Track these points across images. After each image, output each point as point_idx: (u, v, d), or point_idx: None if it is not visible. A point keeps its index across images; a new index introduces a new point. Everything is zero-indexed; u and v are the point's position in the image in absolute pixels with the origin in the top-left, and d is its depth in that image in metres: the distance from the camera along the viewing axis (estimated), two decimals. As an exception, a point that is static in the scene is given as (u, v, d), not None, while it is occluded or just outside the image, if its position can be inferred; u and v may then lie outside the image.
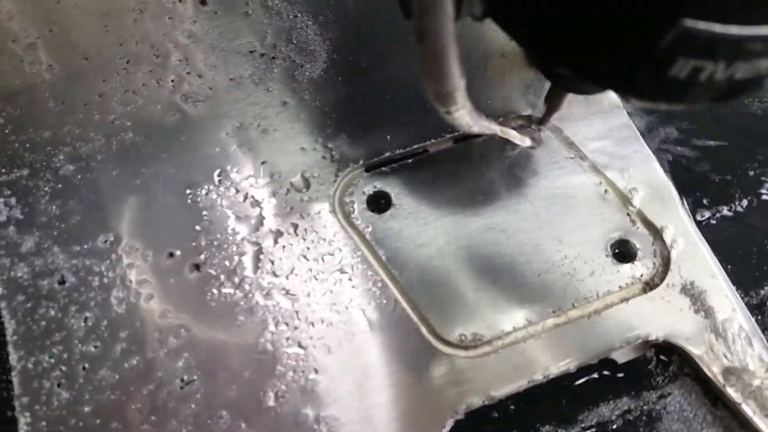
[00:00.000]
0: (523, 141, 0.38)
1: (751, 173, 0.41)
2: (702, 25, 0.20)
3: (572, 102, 0.39)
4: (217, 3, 0.41)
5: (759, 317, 0.37)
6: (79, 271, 0.34)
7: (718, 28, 0.20)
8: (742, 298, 0.37)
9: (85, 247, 0.34)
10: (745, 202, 0.40)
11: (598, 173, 0.38)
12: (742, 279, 0.38)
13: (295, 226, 0.35)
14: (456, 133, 0.39)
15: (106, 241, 0.34)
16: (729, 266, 0.38)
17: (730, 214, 0.40)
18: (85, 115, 0.37)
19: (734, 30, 0.20)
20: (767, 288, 0.38)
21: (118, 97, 0.38)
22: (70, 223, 0.35)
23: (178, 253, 0.34)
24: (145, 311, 0.33)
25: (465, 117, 0.29)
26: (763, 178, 0.41)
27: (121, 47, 0.39)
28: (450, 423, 0.33)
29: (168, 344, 0.32)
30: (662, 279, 0.36)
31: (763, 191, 0.40)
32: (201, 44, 0.39)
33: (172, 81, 0.38)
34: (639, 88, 0.25)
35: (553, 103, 0.37)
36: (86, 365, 0.32)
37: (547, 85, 0.36)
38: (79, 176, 0.36)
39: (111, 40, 0.39)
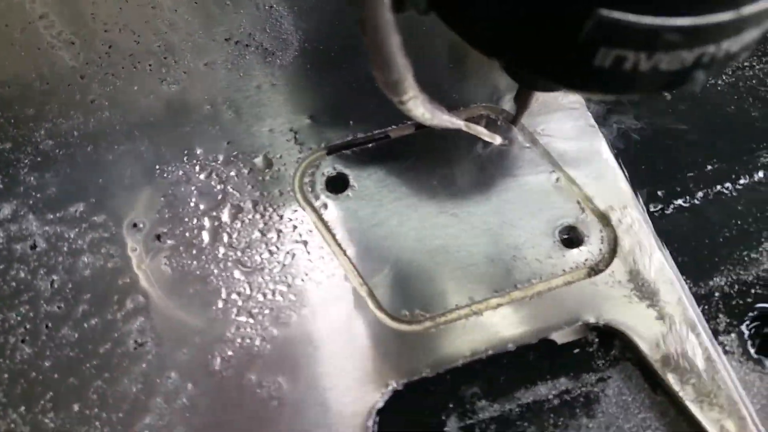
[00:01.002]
0: (494, 138, 0.39)
1: (709, 167, 0.41)
2: (617, 14, 0.21)
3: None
4: (197, -7, 0.43)
5: (706, 307, 0.38)
6: (50, 237, 0.36)
7: (632, 17, 0.21)
8: (691, 288, 0.38)
9: (58, 215, 0.36)
10: (701, 195, 0.40)
11: (552, 162, 0.40)
12: (693, 269, 0.38)
13: (255, 203, 0.37)
14: (417, 121, 0.40)
15: (76, 211, 0.37)
16: (680, 257, 0.39)
17: (686, 206, 0.40)
18: (67, 95, 0.40)
19: (648, 20, 0.21)
20: (716, 279, 0.38)
21: (99, 78, 0.40)
22: (46, 193, 0.37)
23: (141, 224, 0.36)
24: (108, 276, 0.35)
25: (419, 107, 0.31)
26: (721, 172, 0.41)
27: (105, 33, 0.42)
28: (388, 393, 0.34)
29: (125, 308, 0.34)
30: (608, 265, 0.37)
31: (720, 185, 0.41)
32: (179, 32, 0.42)
33: (150, 65, 0.41)
34: (570, 78, 0.26)
35: (521, 102, 0.38)
36: (49, 324, 0.34)
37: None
38: (57, 150, 0.38)
39: (97, 27, 0.42)
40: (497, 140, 0.40)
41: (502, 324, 0.35)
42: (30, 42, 0.41)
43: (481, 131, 0.38)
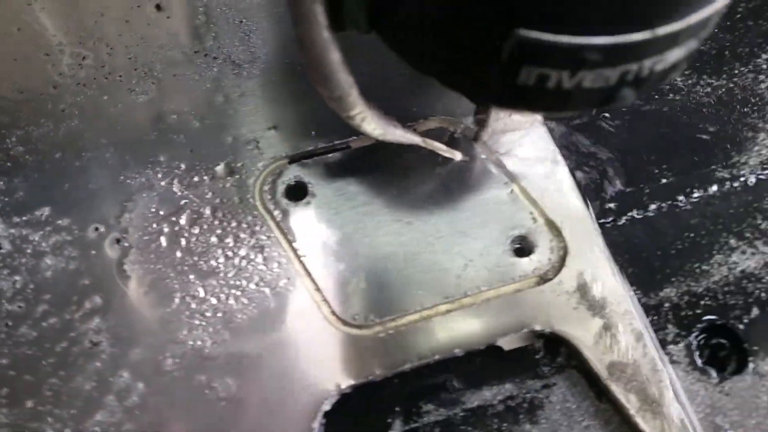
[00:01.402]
0: (453, 155, 0.40)
1: (664, 180, 0.42)
2: (535, 34, 0.22)
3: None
4: (171, 9, 0.45)
5: (655, 317, 0.38)
6: (15, 239, 0.37)
7: (550, 37, 0.22)
8: (641, 299, 0.38)
9: (24, 219, 0.38)
10: (654, 207, 0.41)
11: (507, 174, 0.40)
12: (644, 280, 0.39)
13: (214, 210, 0.38)
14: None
15: (42, 215, 0.38)
16: (632, 268, 0.39)
17: (639, 217, 0.41)
18: (40, 103, 0.41)
19: (566, 39, 0.22)
20: (667, 290, 0.39)
21: (71, 89, 0.42)
22: (14, 197, 0.38)
23: (102, 228, 0.38)
24: (68, 278, 0.36)
25: (369, 123, 0.31)
26: (675, 186, 0.42)
27: (79, 45, 0.43)
28: (336, 395, 0.35)
29: (83, 308, 0.36)
30: (556, 274, 0.38)
31: (673, 199, 0.42)
32: (151, 45, 0.43)
33: (120, 76, 0.42)
34: (498, 96, 0.27)
35: (481, 119, 0.39)
36: (9, 323, 0.35)
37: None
38: (27, 156, 0.40)
39: (72, 40, 0.43)
40: (457, 156, 0.40)
41: (450, 330, 0.36)
42: (6, 53, 0.42)
43: (439, 147, 0.39)
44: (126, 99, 0.41)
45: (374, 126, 0.32)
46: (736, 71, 0.46)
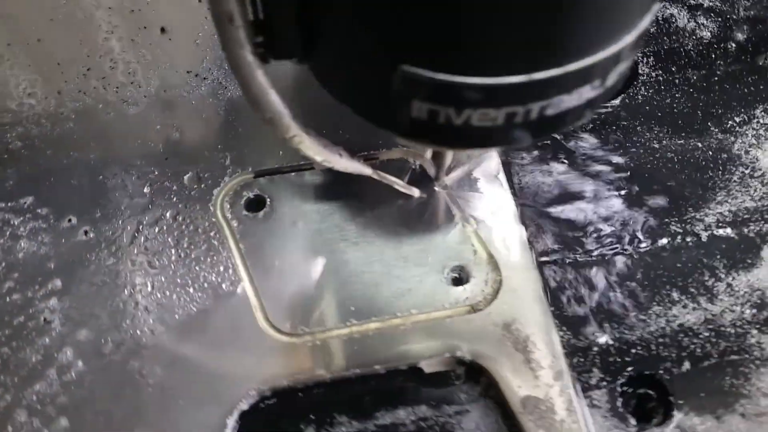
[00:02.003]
0: (411, 191, 0.42)
1: (612, 228, 0.43)
2: (416, 70, 0.24)
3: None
4: (174, 32, 0.49)
5: (581, 359, 0.39)
6: (-3, 223, 0.41)
7: (429, 74, 0.24)
8: (570, 340, 0.39)
9: (9, 205, 0.42)
10: (596, 253, 0.42)
11: (463, 215, 0.42)
12: (576, 322, 0.40)
13: (176, 214, 0.42)
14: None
15: (25, 203, 0.42)
16: (567, 309, 0.40)
17: (581, 260, 0.42)
18: (43, 106, 0.46)
19: (443, 77, 0.23)
20: (598, 335, 0.39)
21: (72, 95, 0.46)
22: (4, 185, 0.43)
23: (75, 220, 0.42)
24: (37, 260, 0.40)
25: (308, 148, 0.33)
26: (623, 234, 0.43)
27: (87, 58, 0.48)
28: (255, 396, 0.37)
29: (45, 288, 0.39)
30: (487, 306, 0.39)
31: (621, 246, 0.42)
32: (150, 63, 0.48)
33: (117, 88, 0.47)
34: (399, 129, 0.28)
35: (438, 158, 0.41)
36: (-24, 296, 0.39)
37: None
38: (23, 151, 0.44)
39: (82, 53, 0.48)
40: (415, 193, 0.42)
41: (375, 347, 0.38)
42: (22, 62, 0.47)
43: (394, 182, 0.41)
44: (118, 108, 0.46)
45: (314, 152, 0.33)
46: (707, 131, 0.47)
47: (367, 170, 0.39)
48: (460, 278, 0.40)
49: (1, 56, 0.47)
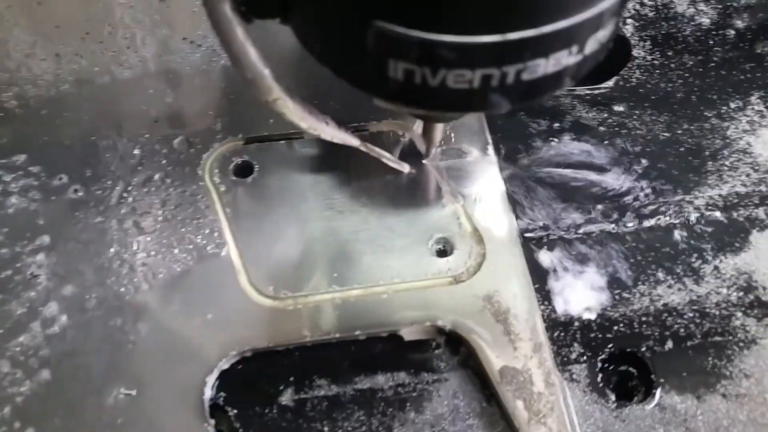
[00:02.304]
0: (401, 166, 0.42)
1: (599, 206, 0.43)
2: (390, 26, 0.23)
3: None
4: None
5: (562, 333, 0.39)
6: (-11, 178, 0.42)
7: (402, 30, 0.23)
8: (551, 314, 0.39)
9: (2, 161, 0.42)
10: (584, 230, 0.42)
11: (453, 192, 0.42)
12: (559, 297, 0.40)
13: (164, 177, 0.42)
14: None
15: (17, 160, 0.43)
16: (549, 284, 0.40)
17: (567, 238, 0.42)
18: (40, 68, 0.46)
19: (417, 34, 0.23)
20: (580, 310, 0.39)
21: (69, 57, 0.47)
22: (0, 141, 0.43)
23: (66, 179, 0.42)
24: (27, 216, 0.41)
25: (292, 113, 0.32)
26: (610, 211, 0.43)
27: (86, 23, 0.48)
28: (235, 356, 0.37)
29: (33, 244, 0.40)
30: (470, 278, 0.39)
31: (608, 224, 0.42)
32: (146, 28, 0.48)
33: (114, 52, 0.47)
34: (376, 90, 0.28)
35: (429, 135, 0.41)
36: (-34, 248, 0.40)
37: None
38: (18, 110, 0.45)
39: (81, 17, 0.49)
40: (405, 168, 0.42)
41: (356, 313, 0.38)
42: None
43: (383, 155, 0.41)
44: (113, 71, 0.46)
45: (298, 117, 0.33)
46: (701, 116, 0.47)
47: (354, 141, 0.39)
48: (444, 250, 0.40)
49: (1, 17, 0.47)
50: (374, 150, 0.41)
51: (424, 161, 0.43)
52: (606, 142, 0.45)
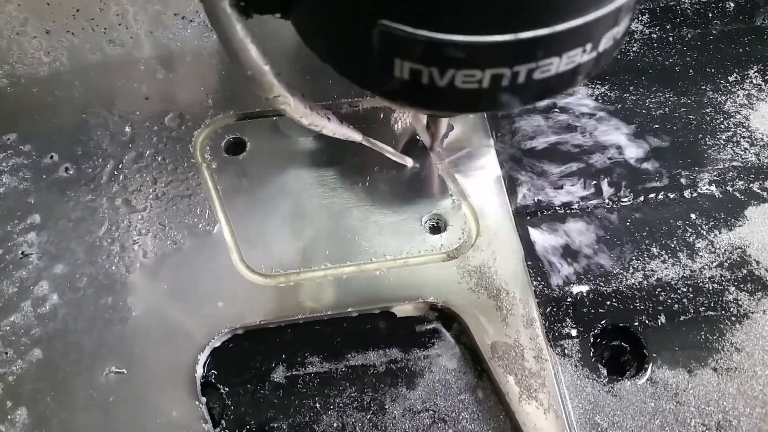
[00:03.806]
0: (404, 160, 0.41)
1: (594, 181, 0.42)
2: (396, 26, 0.22)
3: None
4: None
5: (554, 309, 0.39)
6: (-20, 158, 0.42)
7: (409, 29, 0.22)
8: (543, 289, 0.39)
9: (-7, 140, 0.42)
10: (581, 205, 0.42)
11: (440, 159, 0.42)
12: (552, 273, 0.40)
13: (155, 154, 0.42)
14: (324, 102, 0.44)
15: (8, 140, 0.42)
16: (543, 260, 0.40)
17: (561, 213, 0.41)
18: (31, 45, 0.46)
19: (423, 33, 0.22)
20: (573, 285, 0.39)
21: (60, 35, 0.46)
22: (-11, 121, 0.43)
23: (57, 158, 0.42)
24: (18, 196, 0.40)
25: (295, 111, 0.31)
26: (597, 183, 0.42)
27: (77, 0, 0.48)
28: (227, 334, 0.37)
29: (24, 223, 0.39)
30: (463, 254, 0.39)
31: (602, 199, 0.42)
32: (137, 4, 0.47)
33: (105, 29, 0.46)
34: (383, 90, 0.27)
35: (433, 128, 0.40)
36: (-43, 227, 0.40)
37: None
38: (9, 89, 0.44)
39: (71, -6, 0.48)
40: (408, 163, 0.42)
41: (349, 290, 0.38)
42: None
43: (386, 150, 0.40)
44: (104, 48, 0.45)
45: (299, 114, 0.32)
46: (699, 89, 0.46)
47: (357, 136, 0.38)
48: (437, 227, 0.40)
49: (-10, -6, 0.47)
50: (377, 144, 0.40)
51: (432, 156, 0.42)
52: (601, 115, 0.45)
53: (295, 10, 0.27)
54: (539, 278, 0.39)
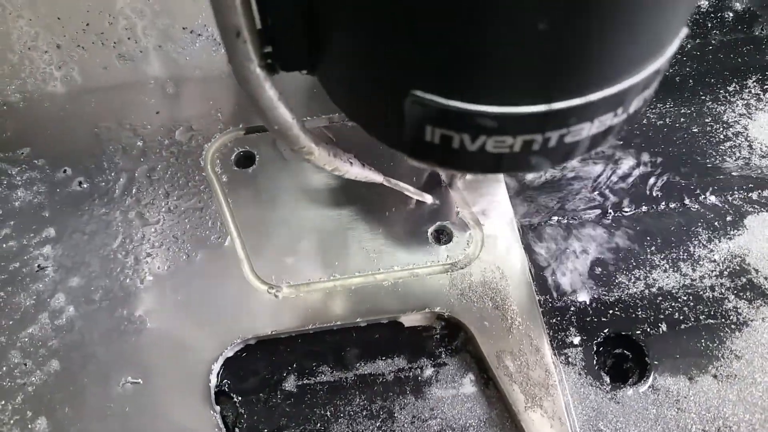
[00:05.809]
0: (423, 197, 0.41)
1: (593, 193, 0.43)
2: (429, 96, 0.22)
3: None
4: (172, -10, 0.50)
5: (559, 318, 0.40)
6: (-5, 172, 0.43)
7: (442, 100, 0.22)
8: (548, 299, 0.40)
9: (6, 155, 0.43)
10: (583, 216, 0.43)
11: (466, 207, 0.42)
12: (557, 283, 0.41)
13: (167, 168, 0.43)
14: (331, 114, 0.45)
15: (22, 154, 0.43)
16: (546, 270, 0.41)
17: (564, 222, 0.42)
18: (44, 58, 0.47)
19: (456, 104, 0.22)
20: (577, 295, 0.40)
21: (71, 49, 0.47)
22: (1, 136, 0.44)
23: (70, 171, 0.43)
24: (32, 209, 0.41)
25: (317, 159, 0.31)
26: (599, 194, 0.43)
27: (87, 13, 0.49)
28: (239, 344, 0.38)
29: (39, 236, 0.40)
30: (468, 265, 0.40)
31: (597, 208, 0.43)
32: (146, 18, 0.48)
33: (114, 44, 0.47)
34: (414, 152, 0.26)
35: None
36: (-25, 240, 0.40)
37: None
38: (21, 104, 0.45)
39: (81, 8, 0.49)
40: (428, 200, 0.42)
41: (357, 301, 0.39)
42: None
43: (406, 188, 0.40)
44: (114, 63, 0.46)
45: (323, 162, 0.31)
46: (699, 99, 0.47)
47: (378, 177, 0.38)
48: (443, 238, 0.41)
49: (3, 9, 0.48)
50: (398, 184, 0.40)
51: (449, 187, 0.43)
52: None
53: (324, 71, 0.27)
54: (543, 288, 0.40)
